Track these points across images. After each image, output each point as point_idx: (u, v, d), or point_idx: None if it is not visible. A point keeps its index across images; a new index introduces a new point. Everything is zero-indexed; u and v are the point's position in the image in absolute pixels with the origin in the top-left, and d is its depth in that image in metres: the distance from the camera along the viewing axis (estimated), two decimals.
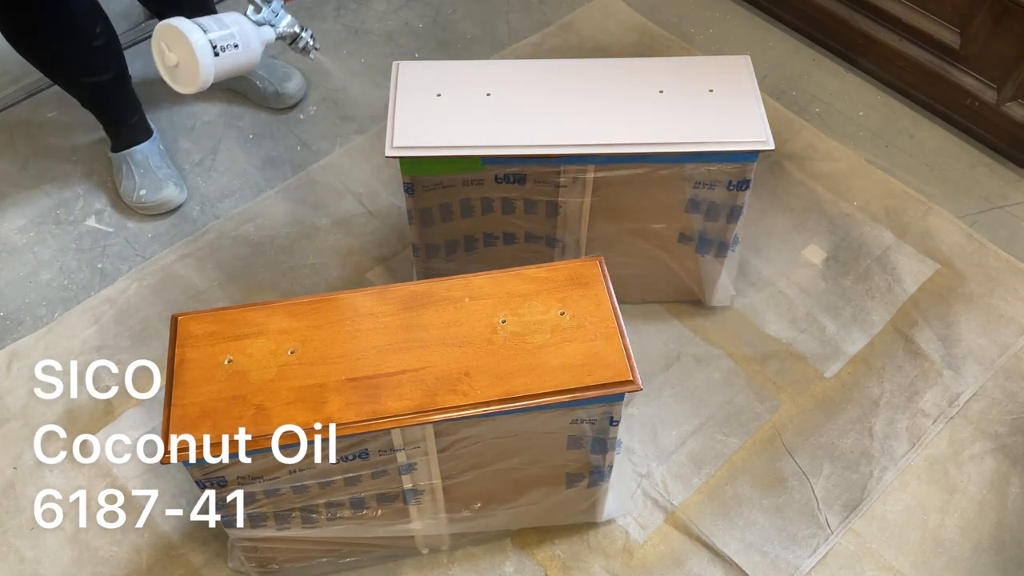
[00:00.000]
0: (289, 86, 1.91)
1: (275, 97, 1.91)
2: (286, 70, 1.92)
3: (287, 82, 1.91)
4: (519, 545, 1.38)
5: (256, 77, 1.89)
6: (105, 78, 1.65)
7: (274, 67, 1.92)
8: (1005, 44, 1.74)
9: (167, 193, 1.75)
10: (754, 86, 1.42)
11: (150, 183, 1.75)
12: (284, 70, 1.92)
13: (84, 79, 1.64)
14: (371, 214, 1.77)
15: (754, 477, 1.45)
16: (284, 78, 1.91)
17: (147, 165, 1.76)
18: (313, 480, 1.14)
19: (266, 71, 1.90)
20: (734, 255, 1.53)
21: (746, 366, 1.57)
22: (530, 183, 1.39)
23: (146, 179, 1.75)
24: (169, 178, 1.77)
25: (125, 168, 1.77)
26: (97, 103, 1.71)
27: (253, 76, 1.89)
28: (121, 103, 1.73)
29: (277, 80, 1.90)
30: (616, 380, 1.09)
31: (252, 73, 1.88)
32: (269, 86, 1.90)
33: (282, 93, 1.90)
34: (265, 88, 1.90)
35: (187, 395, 1.07)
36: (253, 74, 1.88)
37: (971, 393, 1.54)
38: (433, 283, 1.18)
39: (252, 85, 1.91)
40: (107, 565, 1.37)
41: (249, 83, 1.90)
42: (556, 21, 2.12)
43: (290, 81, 1.91)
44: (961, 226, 1.76)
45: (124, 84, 1.71)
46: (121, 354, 1.58)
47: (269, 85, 1.90)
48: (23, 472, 1.45)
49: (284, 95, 1.91)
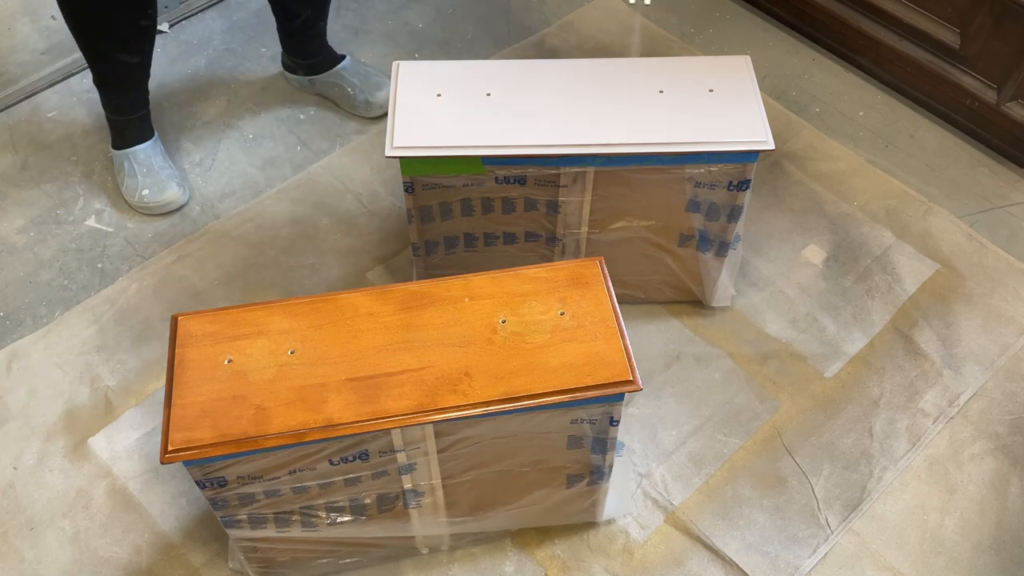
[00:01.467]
0: (380, 95, 1.92)
1: (365, 105, 1.92)
2: (378, 79, 1.94)
3: (378, 91, 1.92)
4: (519, 545, 1.38)
5: (348, 84, 1.92)
6: (135, 60, 1.65)
7: (367, 75, 1.94)
8: (1005, 44, 1.74)
9: (170, 194, 1.75)
10: (754, 86, 1.42)
11: (153, 183, 1.75)
12: (377, 79, 1.94)
13: (119, 55, 1.63)
14: (371, 214, 1.77)
15: (754, 477, 1.45)
16: (376, 87, 1.92)
17: (150, 164, 1.76)
18: (313, 480, 1.14)
19: (359, 79, 1.92)
20: (735, 255, 1.53)
21: (746, 366, 1.57)
22: (530, 183, 1.39)
23: (149, 178, 1.75)
24: (172, 178, 1.77)
25: (128, 167, 1.76)
26: (118, 84, 1.70)
27: (345, 83, 1.92)
28: (137, 92, 1.73)
29: (369, 89, 1.92)
30: (616, 380, 1.09)
31: (344, 79, 1.92)
32: (360, 94, 1.91)
33: (372, 102, 1.92)
34: (356, 96, 1.92)
35: (187, 395, 1.07)
36: (345, 80, 1.92)
37: (971, 393, 1.54)
38: (433, 283, 1.18)
39: (344, 92, 1.93)
40: (107, 565, 1.37)
41: (341, 90, 1.93)
42: (556, 21, 2.12)
43: (381, 91, 1.92)
44: (961, 226, 1.76)
45: (145, 73, 1.70)
46: (121, 354, 1.58)
47: (360, 93, 1.91)
48: (23, 472, 1.45)
49: (373, 104, 1.92)
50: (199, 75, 2.01)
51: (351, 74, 1.93)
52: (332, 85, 1.94)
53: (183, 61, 2.03)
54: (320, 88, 1.96)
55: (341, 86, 1.93)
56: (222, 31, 2.10)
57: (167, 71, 2.01)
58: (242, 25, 2.11)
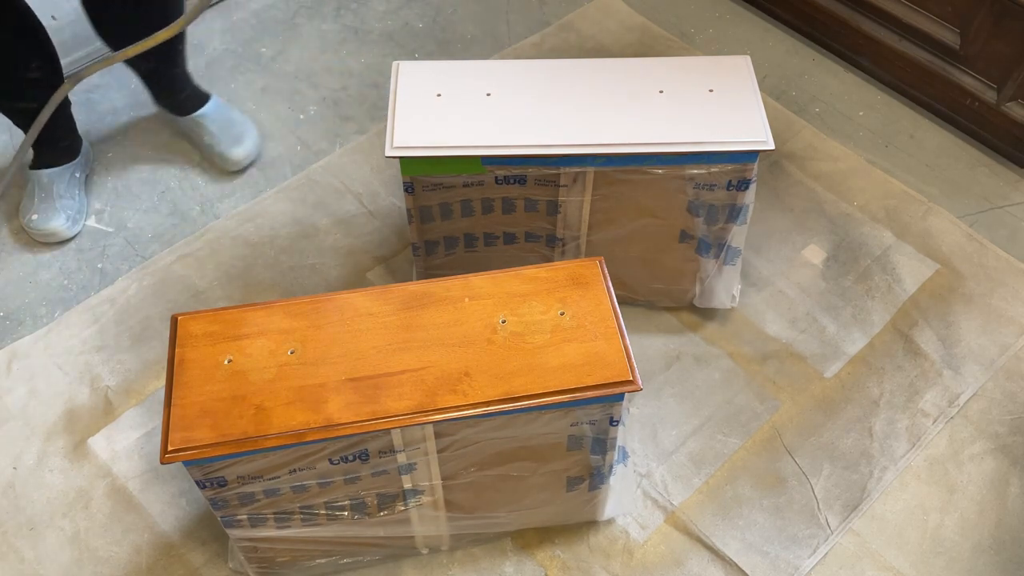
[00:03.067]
0: (237, 151, 1.76)
1: (220, 159, 1.77)
2: (241, 130, 1.77)
3: (236, 146, 1.76)
4: (519, 545, 1.38)
5: (206, 133, 1.76)
6: (34, 106, 1.52)
7: (229, 124, 1.77)
8: (1005, 44, 1.74)
9: (54, 225, 1.68)
10: (754, 86, 1.42)
11: (45, 209, 1.69)
12: (239, 130, 1.77)
13: (13, 103, 1.60)
14: (371, 214, 1.77)
15: (754, 477, 1.45)
16: (235, 140, 1.76)
17: (50, 191, 1.69)
18: (313, 480, 1.14)
19: (218, 128, 1.76)
20: (738, 260, 1.52)
21: (746, 366, 1.57)
22: (530, 183, 1.39)
23: (43, 204, 1.69)
24: (65, 210, 1.69)
25: (29, 187, 1.71)
26: (24, 125, 1.64)
27: (203, 131, 1.76)
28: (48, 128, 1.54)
29: (227, 142, 1.76)
30: (616, 380, 1.09)
31: (202, 127, 1.76)
32: (217, 145, 1.76)
33: (227, 156, 1.76)
34: (212, 147, 1.76)
35: (187, 395, 1.07)
36: (203, 128, 1.76)
37: (971, 393, 1.54)
38: (433, 283, 1.18)
39: (201, 141, 1.77)
40: (107, 565, 1.37)
41: (199, 137, 1.77)
42: (556, 21, 2.12)
43: (239, 145, 1.76)
44: (961, 226, 1.76)
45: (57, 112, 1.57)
46: (121, 354, 1.58)
47: (217, 144, 1.76)
48: (23, 472, 1.45)
49: (229, 159, 1.76)
50: (199, 75, 2.00)
51: (211, 122, 1.76)
52: (190, 131, 1.78)
53: None
54: (182, 130, 1.80)
55: (199, 133, 1.77)
56: (222, 31, 2.10)
57: None
58: (242, 25, 2.11)
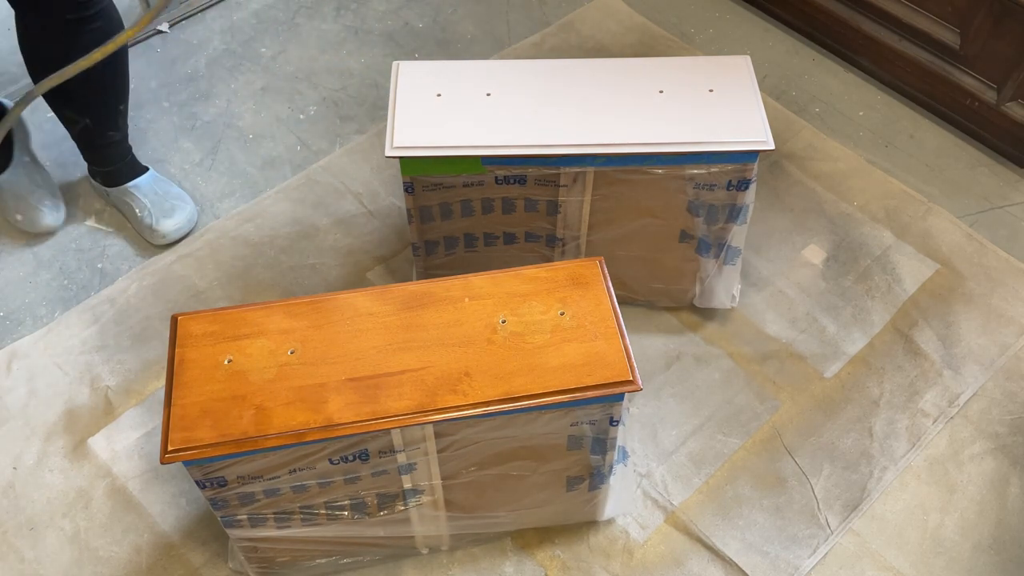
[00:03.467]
0: (166, 223, 1.68)
1: (149, 231, 1.69)
2: (173, 204, 1.70)
3: (166, 219, 1.68)
4: (519, 545, 1.38)
5: (138, 205, 1.69)
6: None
7: (164, 198, 1.70)
8: (1005, 44, 1.74)
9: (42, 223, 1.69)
10: (754, 86, 1.42)
11: (23, 209, 1.70)
12: (171, 203, 1.70)
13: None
14: (371, 214, 1.77)
15: (754, 477, 1.45)
16: (166, 213, 1.69)
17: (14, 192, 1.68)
18: (313, 480, 1.14)
19: (151, 200, 1.69)
20: (738, 260, 1.52)
21: (746, 366, 1.57)
22: (530, 183, 1.39)
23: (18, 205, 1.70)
24: (39, 203, 1.69)
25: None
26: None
27: (135, 203, 1.69)
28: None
29: (157, 214, 1.68)
30: (616, 380, 1.09)
31: (134, 199, 1.69)
32: (148, 217, 1.68)
33: (156, 229, 1.68)
34: (143, 219, 1.68)
35: (187, 395, 1.07)
36: (135, 200, 1.69)
37: (971, 393, 1.54)
38: (433, 283, 1.18)
39: (132, 212, 1.70)
40: (107, 565, 1.37)
41: (130, 209, 1.70)
42: (556, 21, 2.12)
43: (170, 218, 1.68)
44: (961, 226, 1.76)
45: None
46: (121, 354, 1.58)
47: (148, 216, 1.68)
48: (23, 472, 1.45)
49: (157, 232, 1.68)
50: (199, 75, 2.01)
51: (144, 194, 1.69)
52: (123, 202, 1.71)
53: (183, 61, 2.03)
54: (113, 201, 1.74)
55: (130, 205, 1.70)
56: (222, 31, 2.10)
57: (167, 71, 2.01)
58: (242, 25, 2.11)
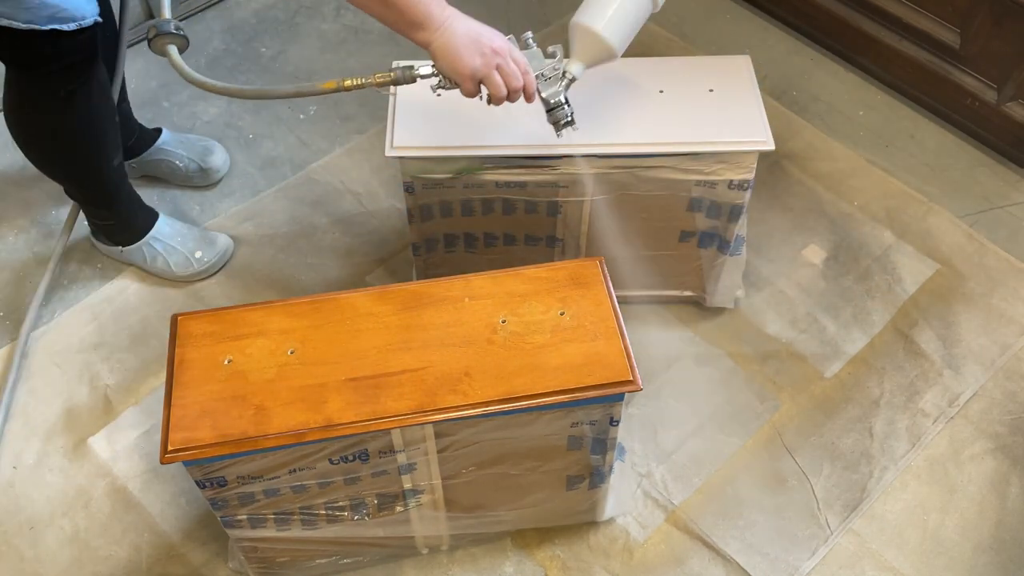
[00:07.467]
0: (213, 159, 1.78)
1: (200, 175, 1.78)
2: (205, 144, 1.79)
3: (210, 155, 1.78)
4: (519, 545, 1.38)
5: (175, 157, 1.76)
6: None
7: (191, 143, 1.79)
8: (1005, 44, 1.74)
9: (190, 272, 1.66)
10: (754, 86, 1.42)
11: (171, 262, 1.66)
12: (203, 144, 1.79)
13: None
14: (371, 214, 1.77)
15: (754, 477, 1.45)
16: (205, 152, 1.78)
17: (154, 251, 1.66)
18: (313, 480, 1.14)
19: (184, 149, 1.77)
20: (739, 257, 1.52)
21: (746, 366, 1.57)
22: (530, 183, 1.39)
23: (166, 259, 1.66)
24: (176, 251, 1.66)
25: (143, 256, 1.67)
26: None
27: (171, 157, 1.76)
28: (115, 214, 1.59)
29: (199, 156, 1.77)
30: (616, 380, 1.09)
31: (168, 154, 1.76)
32: (191, 164, 1.76)
33: (206, 168, 1.77)
34: (188, 167, 1.76)
35: (187, 395, 1.07)
36: (170, 154, 1.76)
37: (971, 393, 1.54)
38: (433, 283, 1.18)
39: (173, 167, 1.76)
40: (107, 565, 1.36)
41: (168, 165, 1.76)
42: (556, 21, 2.12)
43: (213, 154, 1.78)
44: (961, 226, 1.76)
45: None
46: (120, 353, 1.58)
47: (191, 163, 1.76)
48: (23, 472, 1.45)
49: (209, 170, 1.78)
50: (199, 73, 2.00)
51: (174, 146, 1.77)
52: (157, 163, 1.77)
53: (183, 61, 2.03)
54: (145, 169, 1.78)
55: (168, 161, 1.76)
56: (222, 31, 2.09)
57: (167, 71, 2.00)
58: (242, 25, 2.11)
